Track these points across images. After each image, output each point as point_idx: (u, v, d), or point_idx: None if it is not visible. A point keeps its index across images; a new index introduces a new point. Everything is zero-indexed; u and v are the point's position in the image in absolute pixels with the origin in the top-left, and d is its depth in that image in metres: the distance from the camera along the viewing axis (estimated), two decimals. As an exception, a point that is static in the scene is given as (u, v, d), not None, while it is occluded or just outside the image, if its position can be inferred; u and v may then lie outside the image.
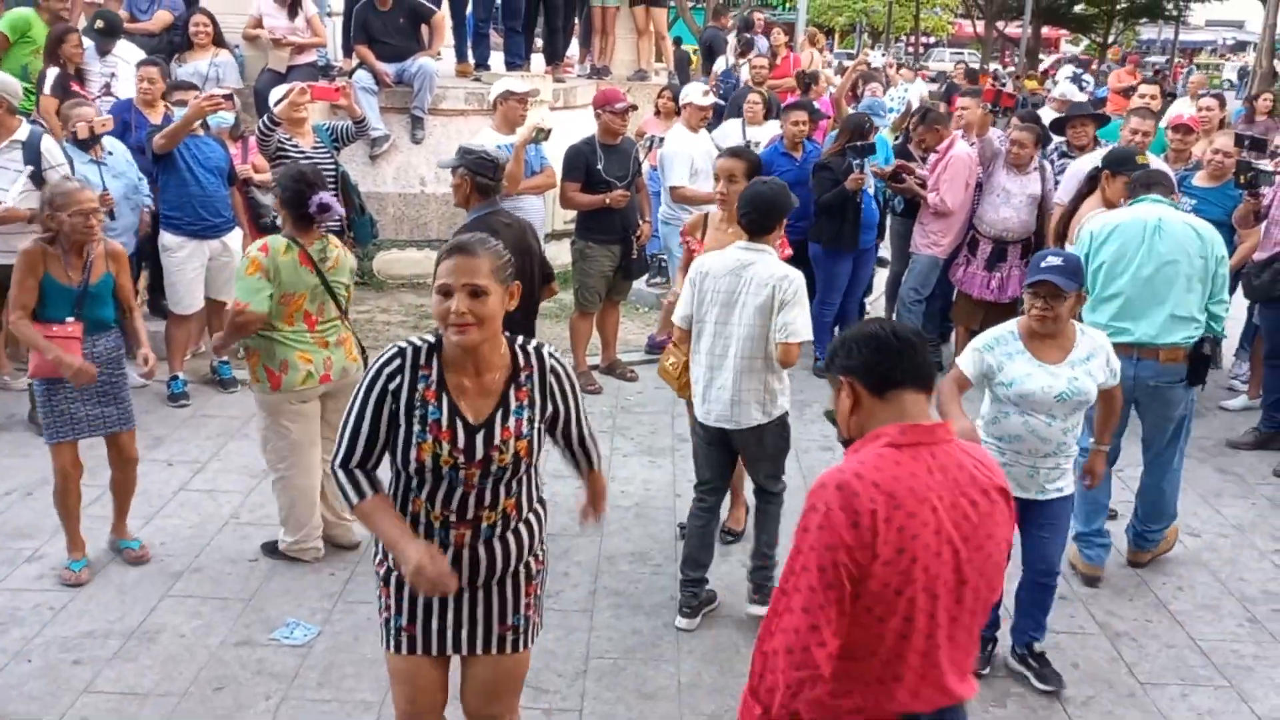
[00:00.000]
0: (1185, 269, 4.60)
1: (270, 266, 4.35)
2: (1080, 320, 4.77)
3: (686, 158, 7.19)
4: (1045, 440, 3.80)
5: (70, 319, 4.36)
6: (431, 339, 2.74)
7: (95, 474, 5.52)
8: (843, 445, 2.37)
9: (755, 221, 4.14)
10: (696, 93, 7.61)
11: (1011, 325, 3.89)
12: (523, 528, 2.85)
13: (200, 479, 5.54)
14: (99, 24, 7.65)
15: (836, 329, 7.71)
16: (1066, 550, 4.32)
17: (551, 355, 2.83)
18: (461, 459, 2.66)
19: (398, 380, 2.69)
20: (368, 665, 4.03)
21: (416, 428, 2.67)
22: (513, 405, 2.72)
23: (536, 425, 2.76)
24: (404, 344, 2.74)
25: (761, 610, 4.24)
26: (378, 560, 2.89)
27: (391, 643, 2.87)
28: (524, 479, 2.81)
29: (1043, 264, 3.76)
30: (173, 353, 6.59)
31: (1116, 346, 4.56)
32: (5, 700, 3.79)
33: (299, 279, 4.44)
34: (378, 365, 2.72)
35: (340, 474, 2.75)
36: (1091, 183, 5.81)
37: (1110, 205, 5.40)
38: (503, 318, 2.67)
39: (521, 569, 2.89)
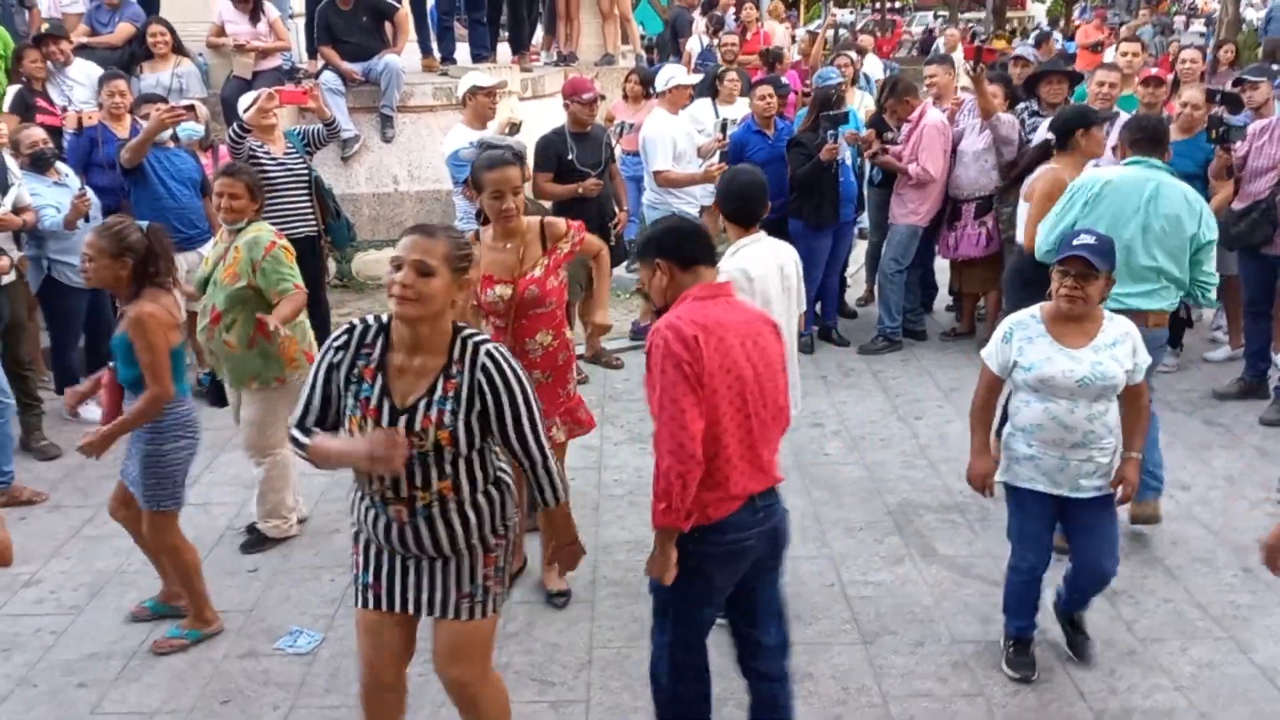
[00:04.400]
0: (1175, 237, 4.50)
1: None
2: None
3: (668, 141, 7.13)
4: (1069, 429, 3.63)
5: (109, 366, 4.09)
6: (384, 319, 2.88)
7: (87, 494, 5.53)
8: (656, 313, 3.11)
9: (752, 211, 4.02)
10: (681, 73, 7.51)
11: (1035, 309, 3.75)
12: (470, 510, 2.91)
13: (193, 492, 5.47)
14: None
15: (819, 305, 7.73)
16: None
17: (489, 353, 2.84)
18: None
19: (341, 355, 2.86)
20: (373, 670, 4.04)
21: (350, 402, 2.84)
22: (438, 394, 2.80)
23: (462, 418, 2.81)
24: (355, 322, 2.89)
25: None
26: (351, 522, 3.05)
27: (360, 598, 3.05)
28: (463, 464, 2.87)
29: (1075, 240, 3.60)
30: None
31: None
32: (12, 728, 3.79)
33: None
34: (329, 340, 2.90)
35: (293, 431, 2.89)
36: (1044, 153, 5.53)
37: (1084, 158, 5.31)
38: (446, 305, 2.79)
39: (477, 543, 2.97)
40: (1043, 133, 6.60)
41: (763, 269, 3.94)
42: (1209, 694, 3.85)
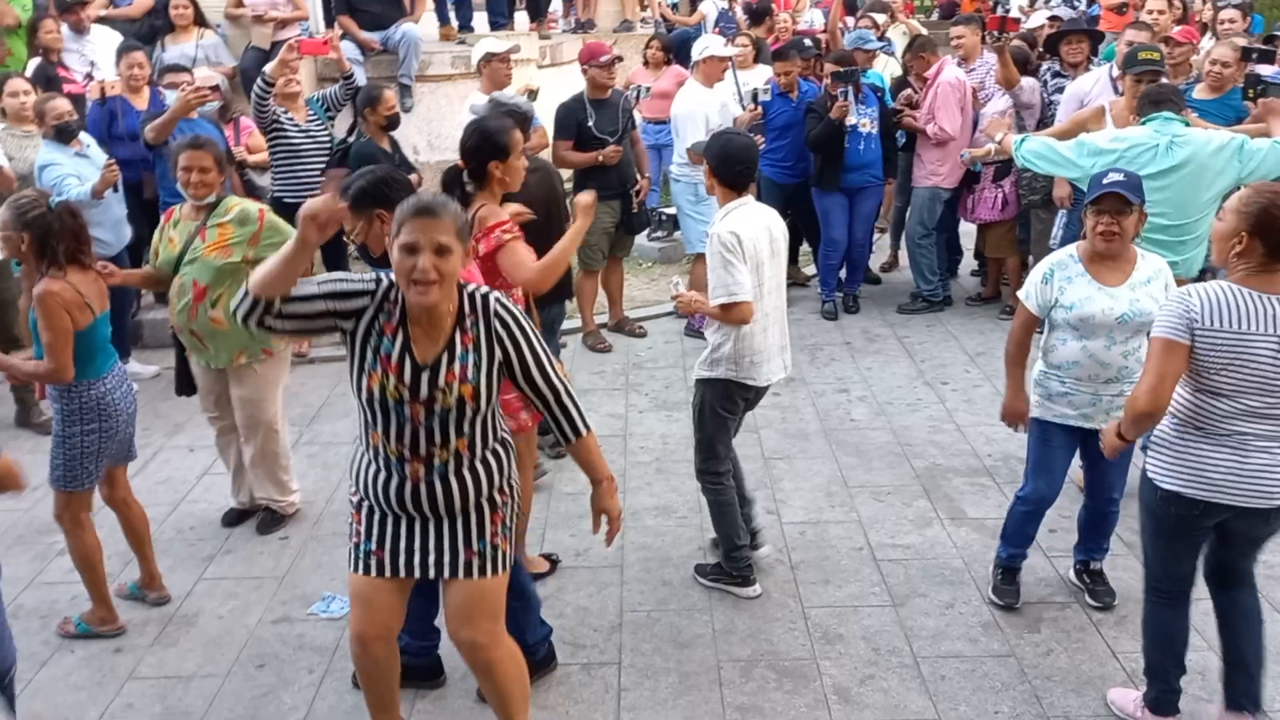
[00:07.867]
0: (1198, 190, 4.46)
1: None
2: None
3: (700, 117, 6.93)
4: (1105, 365, 3.76)
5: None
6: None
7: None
8: (372, 263, 3.40)
9: (746, 175, 4.02)
10: (717, 44, 7.31)
11: (1071, 249, 3.83)
12: (480, 466, 2.94)
13: (222, 463, 5.55)
14: None
15: (842, 271, 7.67)
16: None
17: (498, 301, 2.89)
18: (406, 394, 2.79)
19: (364, 301, 2.80)
20: (405, 634, 4.07)
21: (369, 357, 2.80)
22: (458, 350, 2.82)
23: (484, 371, 2.84)
24: (381, 277, 2.84)
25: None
26: (351, 490, 3.03)
27: (360, 565, 3.00)
28: (477, 422, 2.89)
29: (1105, 179, 3.65)
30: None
31: None
32: (54, 691, 3.84)
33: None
34: (356, 279, 2.83)
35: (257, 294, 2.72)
36: None
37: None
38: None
39: (485, 503, 2.99)
40: (1068, 93, 6.54)
41: (753, 231, 3.94)
42: (1242, 653, 3.83)
